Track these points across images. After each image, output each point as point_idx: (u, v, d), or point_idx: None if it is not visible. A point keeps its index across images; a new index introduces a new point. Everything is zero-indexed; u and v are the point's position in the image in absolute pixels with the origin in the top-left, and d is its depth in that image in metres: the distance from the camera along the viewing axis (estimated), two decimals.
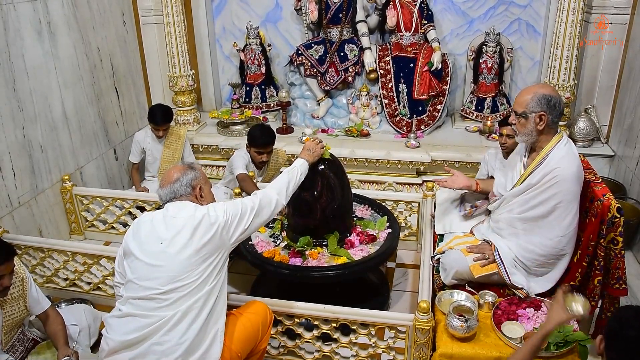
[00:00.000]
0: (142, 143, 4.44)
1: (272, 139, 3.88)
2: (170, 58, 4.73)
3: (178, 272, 2.08)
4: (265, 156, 3.89)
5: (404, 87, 4.71)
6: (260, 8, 5.20)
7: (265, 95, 5.21)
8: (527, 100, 2.56)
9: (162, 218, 2.20)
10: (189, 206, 2.22)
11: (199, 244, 2.12)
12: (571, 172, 2.51)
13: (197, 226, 2.13)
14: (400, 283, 3.49)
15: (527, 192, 2.61)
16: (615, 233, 2.47)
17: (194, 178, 2.31)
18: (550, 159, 2.56)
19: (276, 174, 4.16)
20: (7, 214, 3.43)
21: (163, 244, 2.11)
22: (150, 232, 2.17)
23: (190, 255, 2.10)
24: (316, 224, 2.93)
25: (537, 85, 2.67)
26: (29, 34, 3.62)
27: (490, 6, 4.82)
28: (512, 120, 2.66)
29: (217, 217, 2.19)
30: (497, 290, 2.65)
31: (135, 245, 2.16)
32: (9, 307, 2.47)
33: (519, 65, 4.97)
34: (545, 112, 2.53)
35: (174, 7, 4.56)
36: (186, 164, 2.41)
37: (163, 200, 2.29)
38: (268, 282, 3.33)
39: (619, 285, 2.53)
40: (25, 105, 3.59)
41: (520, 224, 2.66)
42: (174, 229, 2.13)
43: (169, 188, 2.27)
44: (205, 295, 2.12)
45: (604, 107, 4.52)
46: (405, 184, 4.38)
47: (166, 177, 2.32)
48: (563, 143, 2.59)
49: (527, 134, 2.61)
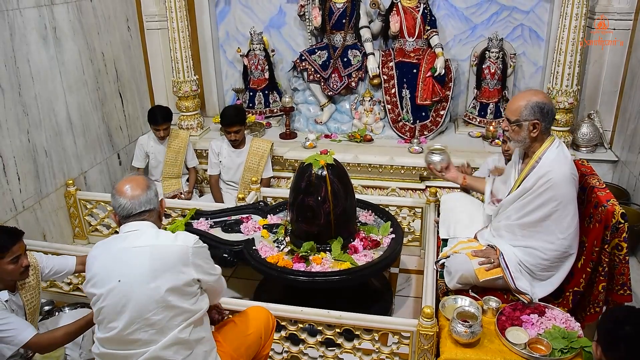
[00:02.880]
0: (146, 147, 4.46)
1: (235, 120, 4.13)
2: (174, 63, 4.75)
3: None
4: (232, 135, 4.15)
5: (407, 93, 4.72)
6: (264, 14, 5.22)
7: (268, 101, 5.22)
8: (520, 108, 2.58)
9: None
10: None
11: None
12: (564, 175, 2.52)
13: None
14: (404, 288, 3.49)
15: (523, 197, 2.62)
16: (620, 239, 2.46)
17: (157, 189, 2.13)
18: (542, 163, 2.58)
19: (260, 161, 4.25)
20: (11, 218, 3.44)
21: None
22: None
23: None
24: (320, 229, 2.93)
25: (530, 92, 2.67)
26: (35, 39, 3.64)
27: (493, 12, 4.83)
28: (505, 127, 2.69)
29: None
30: (501, 296, 2.64)
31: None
32: (29, 295, 2.57)
33: (522, 70, 4.97)
34: (539, 119, 2.56)
35: (178, 12, 4.58)
36: (142, 175, 2.18)
37: (136, 210, 2.01)
38: (271, 288, 3.33)
39: (623, 291, 2.53)
40: (30, 110, 3.61)
41: (519, 230, 2.67)
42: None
43: (145, 196, 2.03)
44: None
45: (607, 113, 4.52)
46: (408, 189, 4.38)
47: (131, 186, 2.03)
48: (555, 146, 2.60)
49: (520, 141, 2.65)
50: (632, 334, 1.64)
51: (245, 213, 3.40)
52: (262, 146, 4.28)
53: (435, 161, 3.21)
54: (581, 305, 2.65)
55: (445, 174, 3.21)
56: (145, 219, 2.03)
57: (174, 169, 4.47)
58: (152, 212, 2.05)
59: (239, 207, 3.52)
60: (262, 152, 4.25)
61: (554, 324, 2.39)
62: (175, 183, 4.49)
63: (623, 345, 1.65)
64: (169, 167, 4.45)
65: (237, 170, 4.27)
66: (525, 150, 2.72)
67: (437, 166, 3.20)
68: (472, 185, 3.21)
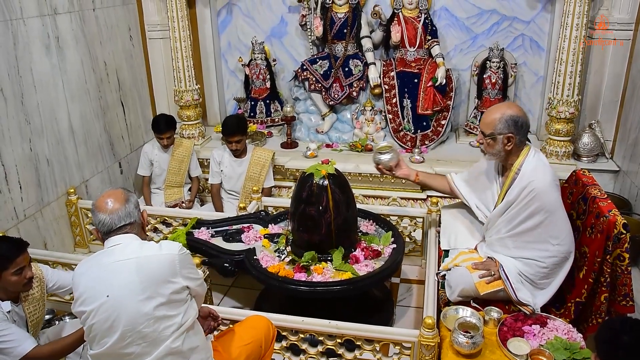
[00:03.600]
0: (150, 155, 4.46)
1: (236, 130, 4.13)
2: (176, 72, 4.76)
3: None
4: (234, 145, 4.14)
5: (408, 102, 4.73)
6: (266, 23, 5.25)
7: (269, 110, 5.23)
8: (494, 121, 2.60)
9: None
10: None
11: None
12: (546, 182, 2.54)
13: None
14: (405, 299, 3.48)
15: (509, 210, 2.65)
16: (622, 249, 2.46)
17: (137, 201, 2.10)
18: (523, 173, 2.60)
19: (262, 170, 4.23)
20: (12, 227, 3.44)
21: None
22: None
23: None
24: (321, 239, 2.93)
25: (504, 105, 2.69)
26: (38, 48, 3.66)
27: (494, 22, 4.85)
28: (480, 140, 2.71)
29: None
30: (503, 307, 2.64)
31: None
32: (32, 307, 2.55)
33: (523, 80, 4.99)
34: (513, 133, 2.58)
35: (180, 22, 4.60)
36: (121, 188, 2.13)
37: (115, 225, 1.98)
38: (272, 297, 3.32)
39: (625, 302, 2.51)
40: (33, 119, 3.62)
41: (511, 242, 2.69)
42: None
43: (124, 210, 2.00)
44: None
45: (608, 123, 4.52)
46: (409, 199, 4.37)
47: (109, 200, 2.00)
48: (532, 155, 2.63)
49: (495, 154, 2.68)
50: (631, 344, 1.64)
51: (246, 222, 3.40)
52: (264, 155, 4.29)
53: (385, 160, 3.12)
54: (583, 316, 2.64)
55: (396, 172, 3.14)
56: (127, 232, 2.01)
57: (177, 177, 4.48)
58: (133, 224, 2.03)
59: (240, 216, 3.52)
60: (263, 162, 4.25)
61: (556, 334, 2.38)
62: (177, 192, 4.49)
63: (622, 355, 1.65)
64: (172, 175, 4.46)
65: (239, 180, 4.27)
66: (503, 163, 2.75)
67: (386, 165, 3.12)
68: (426, 182, 3.18)
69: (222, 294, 3.54)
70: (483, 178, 2.91)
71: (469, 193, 3.01)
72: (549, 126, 4.32)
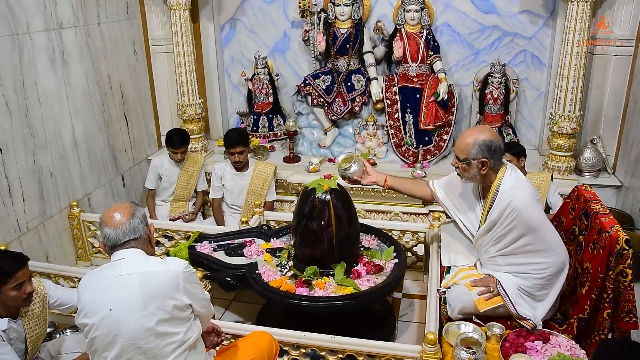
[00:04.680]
0: (159, 168, 4.47)
1: (238, 141, 4.13)
2: (180, 87, 4.79)
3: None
4: (236, 156, 4.15)
5: (410, 117, 4.75)
6: (269, 38, 5.29)
7: (272, 124, 5.25)
8: (468, 146, 2.63)
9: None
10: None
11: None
12: (525, 200, 2.55)
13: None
14: (407, 314, 3.46)
15: (493, 230, 2.67)
16: (624, 265, 2.45)
17: (144, 215, 2.09)
18: (502, 193, 2.62)
19: (264, 184, 4.24)
20: (15, 239, 3.45)
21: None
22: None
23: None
24: (323, 253, 2.92)
25: (477, 130, 2.71)
26: (43, 62, 3.69)
27: (496, 38, 4.88)
28: (455, 164, 2.73)
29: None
30: (505, 322, 2.63)
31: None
32: (32, 323, 2.53)
33: (525, 95, 5.01)
34: (487, 158, 2.61)
35: (184, 37, 4.64)
36: (129, 201, 2.13)
37: (120, 240, 1.99)
38: (274, 311, 3.31)
39: (629, 318, 2.50)
40: (37, 132, 3.64)
41: (501, 260, 2.70)
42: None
43: (129, 225, 1.99)
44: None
45: (610, 138, 4.53)
46: (411, 213, 4.38)
47: (115, 215, 2.01)
48: (508, 174, 2.65)
49: (471, 178, 2.71)
50: None
51: (248, 236, 3.40)
52: (266, 169, 4.30)
53: (355, 171, 3.04)
54: (586, 332, 2.62)
55: (365, 180, 3.09)
56: (132, 246, 2.01)
57: (185, 192, 4.48)
58: (138, 239, 2.02)
59: (242, 230, 3.52)
60: (265, 175, 4.26)
61: (558, 350, 2.37)
62: (183, 205, 4.50)
63: None
64: (180, 189, 4.46)
65: (240, 194, 4.28)
66: (482, 185, 2.78)
67: (354, 176, 3.05)
68: (396, 186, 3.13)
69: (224, 308, 3.53)
70: (465, 193, 2.92)
71: (451, 205, 3.02)
72: (551, 141, 4.34)
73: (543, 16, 4.74)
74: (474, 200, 2.88)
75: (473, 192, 2.89)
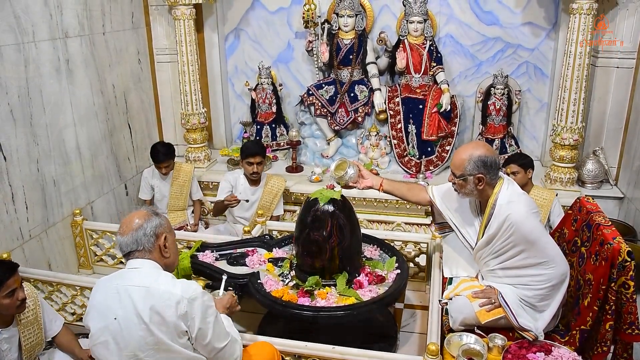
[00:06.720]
0: (150, 180, 4.49)
1: (260, 150, 4.08)
2: (183, 96, 4.82)
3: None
4: (255, 167, 4.05)
5: (413, 128, 4.77)
6: (273, 49, 5.32)
7: (275, 134, 5.27)
8: (463, 162, 2.64)
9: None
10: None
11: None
12: (522, 213, 2.55)
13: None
14: (409, 324, 3.45)
15: (491, 244, 2.67)
16: (626, 277, 2.44)
17: (159, 225, 2.06)
18: (499, 208, 2.62)
19: (274, 199, 4.22)
20: (17, 247, 3.46)
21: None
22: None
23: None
24: (325, 264, 2.92)
25: (472, 146, 2.72)
26: (48, 70, 3.72)
27: (498, 49, 4.91)
28: (451, 180, 2.73)
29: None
30: (507, 334, 2.61)
31: None
32: (26, 331, 2.53)
33: (527, 107, 5.02)
34: (483, 173, 2.62)
35: (188, 46, 4.67)
36: (150, 210, 2.14)
37: (124, 251, 2.03)
38: (276, 321, 3.31)
39: (631, 330, 2.49)
40: (41, 140, 3.66)
41: (502, 273, 2.71)
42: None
43: (131, 236, 2.00)
44: None
45: (613, 149, 4.54)
46: (414, 224, 4.38)
47: (127, 223, 2.03)
48: (505, 188, 2.65)
49: (469, 193, 2.72)
50: None
51: (250, 246, 3.40)
52: (277, 184, 4.27)
53: (352, 175, 3.00)
54: (588, 344, 2.61)
55: (359, 185, 3.07)
56: (142, 257, 2.00)
57: (179, 202, 4.49)
58: (142, 251, 2.01)
59: (244, 240, 3.52)
60: (276, 191, 4.24)
61: None
62: (180, 215, 4.51)
63: None
64: (174, 200, 4.47)
65: (251, 208, 4.23)
66: (479, 199, 2.78)
67: (350, 181, 3.02)
68: (392, 190, 3.12)
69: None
70: (463, 207, 2.92)
71: (448, 213, 3.01)
72: (553, 153, 4.34)
73: (545, 28, 4.76)
74: (471, 213, 2.88)
75: (470, 206, 2.89)
